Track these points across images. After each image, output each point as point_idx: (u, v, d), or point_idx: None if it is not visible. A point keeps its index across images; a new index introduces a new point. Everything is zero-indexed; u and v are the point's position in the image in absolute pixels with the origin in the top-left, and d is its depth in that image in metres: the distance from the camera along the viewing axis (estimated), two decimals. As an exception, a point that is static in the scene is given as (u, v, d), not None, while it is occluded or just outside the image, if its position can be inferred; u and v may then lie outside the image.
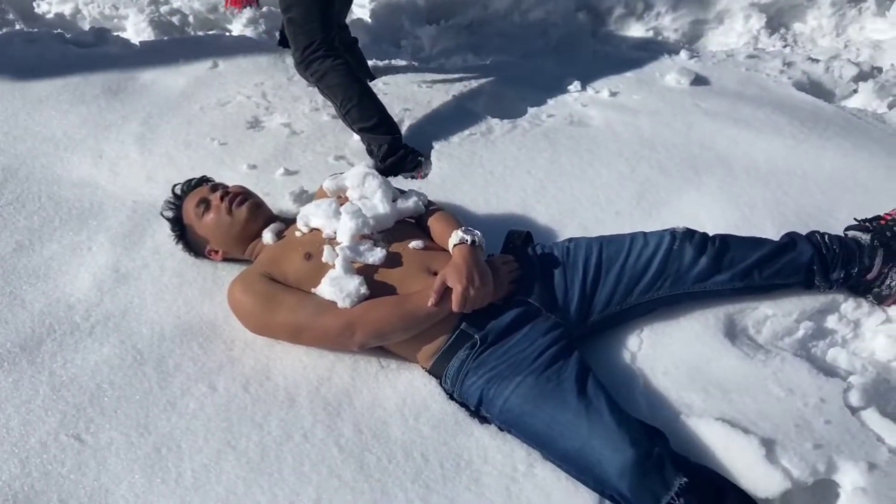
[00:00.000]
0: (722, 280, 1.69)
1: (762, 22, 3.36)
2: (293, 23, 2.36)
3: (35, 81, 2.76)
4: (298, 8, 2.33)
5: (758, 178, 2.16)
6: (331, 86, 2.34)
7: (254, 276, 1.64)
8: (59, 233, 2.03)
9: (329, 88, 2.35)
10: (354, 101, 2.30)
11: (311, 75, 2.37)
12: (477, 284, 1.52)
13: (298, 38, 2.36)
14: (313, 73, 2.36)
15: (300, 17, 2.34)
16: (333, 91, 2.34)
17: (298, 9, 2.34)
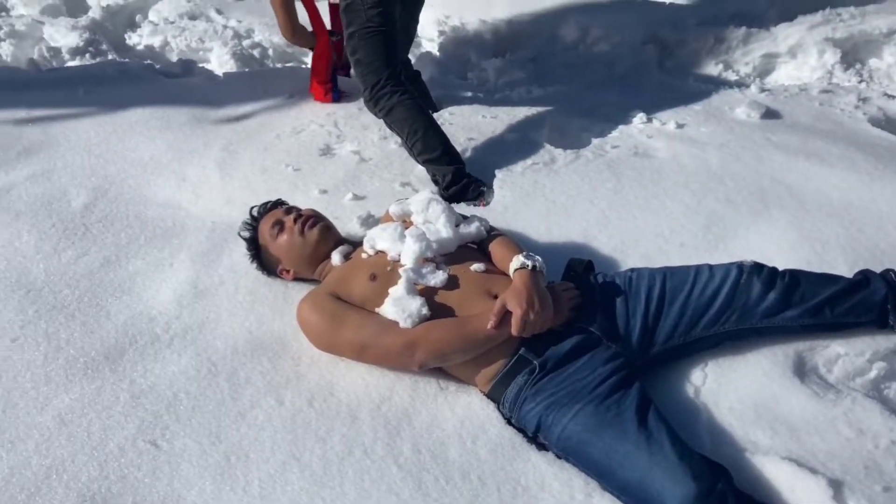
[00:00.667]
0: (791, 316, 1.65)
1: (837, 57, 3.30)
2: (360, 64, 2.48)
3: (126, 109, 2.95)
4: (363, 49, 2.46)
5: (831, 215, 2.11)
6: (397, 120, 2.43)
7: (321, 295, 1.71)
8: (143, 250, 2.15)
9: (396, 123, 2.44)
10: (419, 134, 2.38)
11: (380, 111, 2.47)
12: (537, 309, 1.54)
13: (367, 78, 2.46)
14: (381, 109, 2.46)
15: (366, 58, 2.46)
16: (400, 125, 2.43)
17: (363, 50, 2.46)
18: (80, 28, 3.89)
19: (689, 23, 3.56)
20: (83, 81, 3.17)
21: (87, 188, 2.43)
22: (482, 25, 3.74)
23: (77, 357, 1.76)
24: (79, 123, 2.83)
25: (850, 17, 3.40)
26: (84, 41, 3.78)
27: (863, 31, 3.35)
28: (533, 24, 3.74)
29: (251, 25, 3.90)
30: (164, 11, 4.20)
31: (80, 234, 2.21)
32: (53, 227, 2.23)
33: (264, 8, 4.19)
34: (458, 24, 3.79)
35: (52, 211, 2.31)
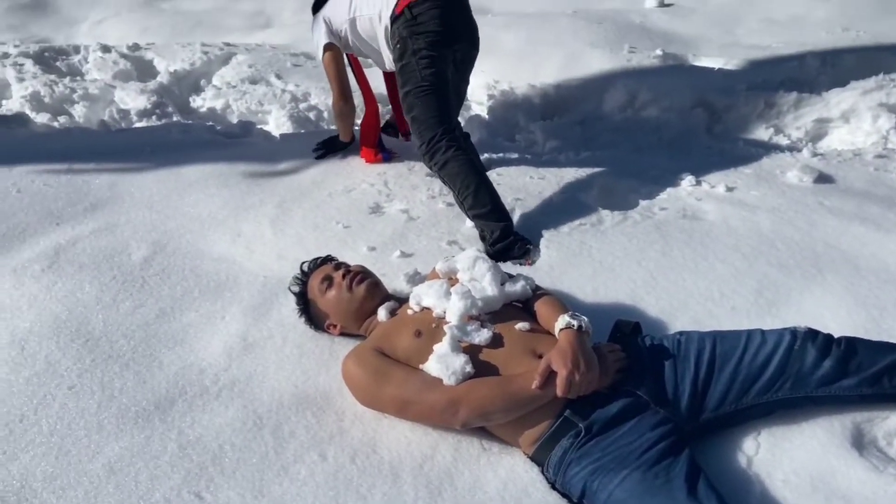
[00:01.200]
0: (849, 385, 1.59)
1: (892, 122, 3.24)
2: (416, 120, 2.58)
3: (187, 167, 3.09)
4: (419, 107, 2.56)
5: (888, 281, 2.04)
6: (451, 174, 2.50)
7: (366, 350, 1.73)
8: (197, 302, 2.22)
9: (449, 177, 2.51)
10: (471, 189, 2.44)
11: (434, 165, 2.55)
12: (582, 370, 1.52)
13: (423, 133, 2.55)
14: (436, 163, 2.54)
15: (421, 114, 2.56)
16: (453, 179, 2.49)
17: (419, 108, 2.56)
18: (148, 92, 4.13)
19: (738, 88, 3.58)
20: (149, 141, 3.35)
21: (148, 242, 2.53)
22: (530, 90, 3.83)
23: (129, 406, 1.81)
24: (143, 181, 2.97)
25: (904, 82, 3.37)
26: (151, 104, 4.01)
27: (919, 96, 3.31)
28: (580, 88, 3.81)
29: (308, 89, 4.08)
30: (228, 76, 4.43)
31: (139, 287, 2.30)
32: (114, 279, 2.33)
33: (321, 73, 4.38)
34: (507, 88, 3.88)
35: (113, 264, 2.41)
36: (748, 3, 4.86)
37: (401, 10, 2.61)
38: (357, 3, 2.80)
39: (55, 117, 3.88)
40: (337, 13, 2.84)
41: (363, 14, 2.77)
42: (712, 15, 4.75)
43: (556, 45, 4.25)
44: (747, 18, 4.59)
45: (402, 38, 2.60)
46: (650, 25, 4.61)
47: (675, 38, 4.37)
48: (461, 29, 2.69)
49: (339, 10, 2.83)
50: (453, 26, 2.64)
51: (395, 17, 2.63)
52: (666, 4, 5.00)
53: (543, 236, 2.41)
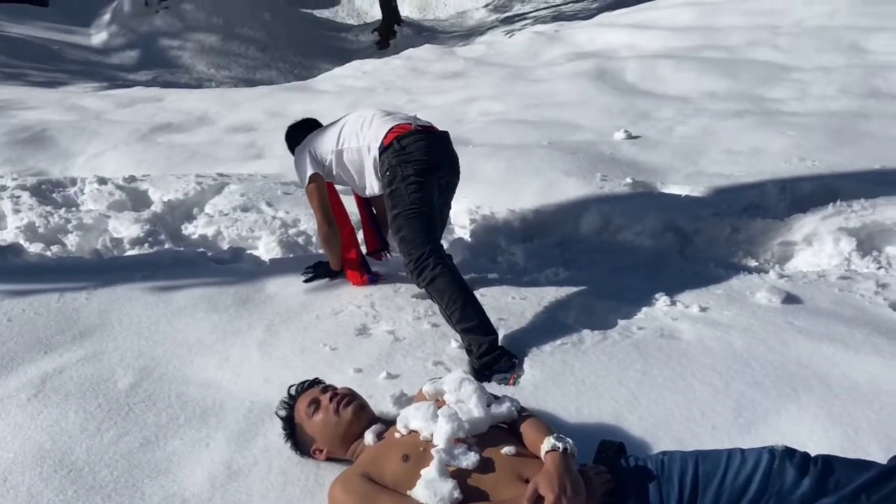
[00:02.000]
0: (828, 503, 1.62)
1: (853, 245, 3.41)
2: (405, 241, 2.71)
3: (177, 292, 3.15)
4: (407, 228, 2.72)
5: (860, 399, 2.11)
6: (438, 289, 2.60)
7: (353, 476, 1.74)
8: (182, 430, 2.22)
9: (437, 292, 2.61)
10: (459, 304, 2.53)
11: (422, 280, 2.65)
12: (569, 494, 1.54)
13: (412, 252, 2.68)
14: (424, 279, 2.64)
15: (410, 234, 2.70)
16: (441, 294, 2.59)
17: (407, 229, 2.71)
18: (142, 221, 4.26)
19: (705, 213, 3.77)
20: (140, 268, 3.43)
21: (135, 369, 2.55)
22: (510, 214, 4.01)
23: (110, 539, 1.78)
24: (132, 307, 3.02)
25: (861, 208, 3.57)
26: (145, 232, 4.12)
27: (875, 221, 3.50)
28: (558, 212, 4.00)
29: (297, 216, 4.23)
30: (220, 205, 4.59)
31: (124, 415, 2.30)
32: (99, 408, 2.33)
33: (309, 201, 4.59)
34: (488, 213, 4.06)
35: (99, 391, 2.42)
36: (710, 136, 5.20)
37: (389, 142, 2.84)
38: (345, 136, 3.03)
39: (48, 247, 3.96)
40: (323, 145, 3.07)
41: (351, 146, 3.00)
42: (677, 146, 5.06)
43: (534, 173, 4.50)
44: (710, 150, 4.90)
45: (391, 166, 2.80)
46: (620, 156, 4.90)
47: (643, 168, 4.64)
48: (444, 158, 2.93)
49: (327, 142, 3.07)
50: (437, 156, 2.87)
51: (383, 148, 2.86)
52: (633, 137, 5.34)
53: (527, 355, 2.47)
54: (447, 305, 2.57)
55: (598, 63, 7.71)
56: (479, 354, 2.44)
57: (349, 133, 3.03)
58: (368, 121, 3.01)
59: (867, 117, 5.18)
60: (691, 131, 5.37)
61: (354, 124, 3.04)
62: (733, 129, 5.27)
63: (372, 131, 2.95)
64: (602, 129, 5.69)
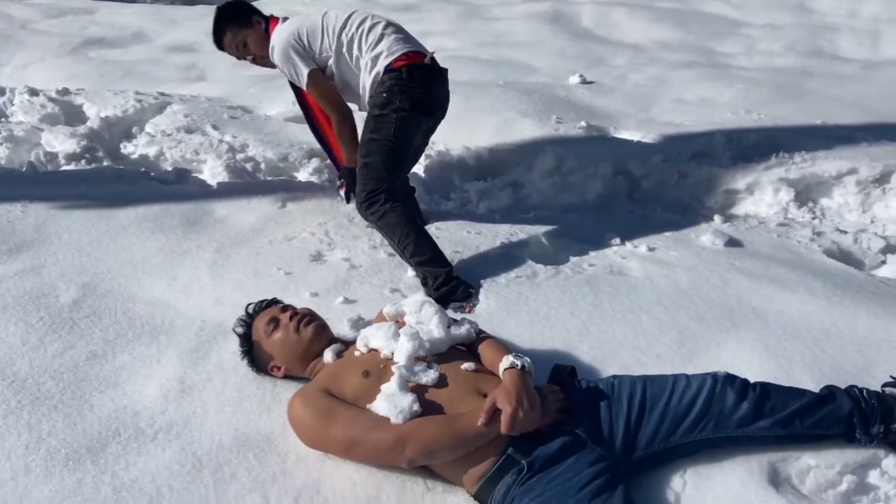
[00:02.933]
0: (764, 426, 1.73)
1: (791, 195, 3.58)
2: (368, 167, 2.64)
3: (119, 210, 3.03)
4: (376, 156, 2.63)
5: (794, 335, 2.24)
6: (389, 224, 2.58)
7: (313, 391, 1.75)
8: (131, 345, 2.17)
9: (388, 227, 2.59)
10: (411, 238, 2.53)
11: (372, 214, 2.63)
12: (526, 407, 1.60)
13: (367, 182, 2.63)
14: (374, 213, 2.62)
15: (375, 165, 2.63)
16: (391, 229, 2.58)
17: (376, 157, 2.63)
18: (77, 136, 4.04)
19: (654, 159, 3.85)
20: (78, 184, 3.28)
21: (77, 284, 2.47)
22: (465, 152, 4.00)
23: (58, 448, 1.75)
24: (72, 223, 2.90)
25: (801, 160, 3.73)
26: (81, 148, 3.92)
27: (814, 174, 3.67)
28: (513, 152, 4.01)
29: (246, 141, 4.10)
30: (162, 125, 4.39)
31: (68, 329, 2.23)
32: (41, 321, 2.25)
33: (259, 125, 4.45)
34: (443, 149, 4.04)
35: (40, 305, 2.34)
36: (662, 85, 5.28)
37: (398, 67, 2.67)
38: (346, 39, 2.76)
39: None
40: (318, 43, 2.78)
41: (353, 52, 2.76)
42: (629, 93, 5.13)
43: (490, 112, 4.47)
44: (661, 98, 4.98)
45: (390, 90, 2.66)
46: (574, 99, 4.93)
47: (597, 112, 4.69)
48: (442, 101, 2.84)
49: (322, 41, 2.78)
50: (436, 98, 2.78)
51: (390, 69, 2.68)
52: (588, 82, 5.37)
53: (482, 286, 2.50)
54: (399, 240, 2.56)
55: (553, 6, 7.65)
56: (437, 286, 2.45)
57: (351, 38, 2.75)
58: (377, 33, 2.75)
59: (810, 75, 5.35)
60: (644, 79, 5.43)
61: (356, 28, 2.76)
62: (684, 79, 5.36)
63: (382, 45, 2.72)
64: (557, 72, 5.68)
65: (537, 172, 3.82)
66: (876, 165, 3.69)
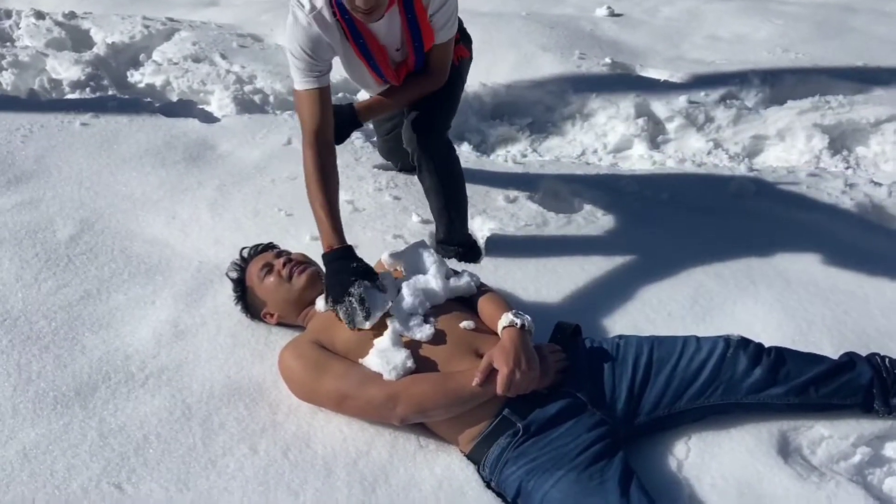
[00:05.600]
0: (777, 393, 1.64)
1: (825, 143, 3.38)
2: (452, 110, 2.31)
3: (122, 143, 2.96)
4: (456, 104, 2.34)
5: (817, 295, 2.12)
6: (456, 170, 2.29)
7: (304, 342, 1.68)
8: (126, 285, 2.12)
9: (453, 171, 2.28)
10: (466, 195, 2.31)
11: (444, 153, 2.25)
12: (523, 368, 1.52)
13: (449, 121, 2.30)
14: (445, 152, 2.26)
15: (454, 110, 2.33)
16: (455, 175, 2.28)
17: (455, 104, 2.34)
18: (83, 62, 3.93)
19: (681, 101, 3.66)
20: (82, 113, 3.19)
21: (75, 220, 2.41)
22: (482, 89, 3.82)
23: (47, 391, 1.71)
24: (72, 155, 2.83)
25: (838, 105, 3.51)
26: (86, 75, 3.81)
27: (851, 120, 3.46)
28: (532, 90, 3.83)
29: (254, 72, 3.95)
30: (169, 52, 4.25)
31: (63, 266, 2.18)
32: (36, 257, 2.20)
33: (268, 55, 4.29)
34: (458, 85, 3.86)
35: (36, 240, 2.28)
36: (695, 19, 4.99)
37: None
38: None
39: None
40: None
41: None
42: (660, 28, 4.85)
43: (510, 45, 4.26)
44: (693, 34, 4.71)
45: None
46: (600, 34, 4.68)
47: (623, 48, 4.45)
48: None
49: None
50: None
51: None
52: (616, 14, 5.09)
53: (490, 236, 2.40)
54: (460, 187, 2.26)
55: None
56: (462, 250, 2.29)
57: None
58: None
59: (854, 11, 5.03)
60: (676, 13, 5.14)
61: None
62: (719, 12, 5.07)
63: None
64: (583, 2, 5.39)
65: (556, 113, 3.65)
66: (918, 112, 3.47)
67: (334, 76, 2.15)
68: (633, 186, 2.77)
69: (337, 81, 3.36)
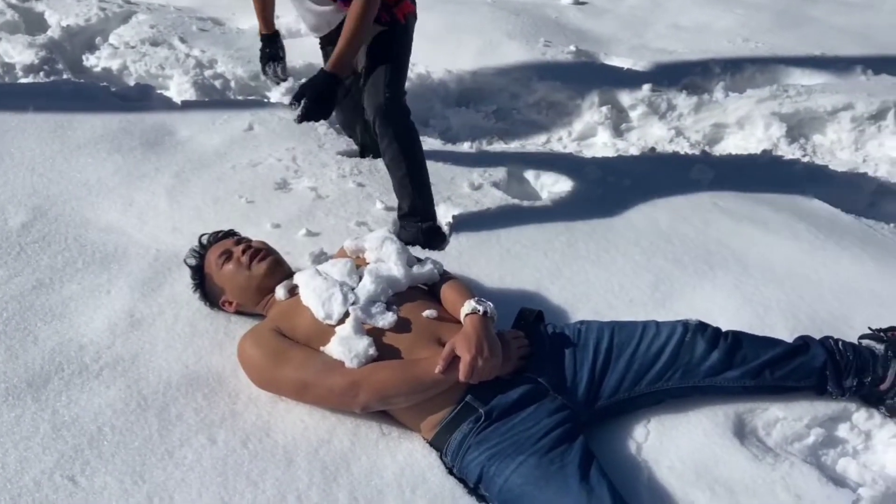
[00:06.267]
0: (733, 377, 1.67)
1: (782, 131, 3.45)
2: (403, 67, 2.31)
3: (76, 128, 2.87)
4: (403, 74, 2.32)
5: (773, 280, 2.16)
6: (411, 140, 2.28)
7: (264, 330, 1.66)
8: (80, 274, 2.06)
9: (408, 144, 2.27)
10: (425, 168, 2.30)
11: (402, 119, 2.26)
12: (486, 355, 1.52)
13: (401, 84, 2.29)
14: (403, 119, 2.26)
15: (403, 80, 2.31)
16: (412, 148, 2.27)
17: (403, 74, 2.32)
18: (36, 46, 3.80)
19: (644, 89, 3.69)
20: (34, 98, 3.08)
21: (27, 207, 2.33)
22: (447, 75, 3.80)
23: (-3, 383, 1.66)
24: (25, 140, 2.74)
25: (796, 93, 3.58)
26: (40, 59, 3.69)
27: (808, 108, 3.53)
28: (497, 78, 3.82)
29: (214, 56, 3.86)
30: (126, 36, 4.13)
31: (14, 254, 2.11)
32: (-14, 246, 2.13)
33: (229, 39, 4.20)
34: (423, 72, 3.84)
35: (-14, 228, 2.21)
36: (658, 8, 5.04)
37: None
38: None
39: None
40: None
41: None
42: (624, 17, 4.89)
43: (475, 32, 4.25)
44: (656, 23, 4.76)
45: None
46: (565, 21, 4.69)
47: (587, 36, 4.47)
48: None
49: None
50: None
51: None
52: (581, 2, 5.10)
53: (453, 222, 2.39)
54: (416, 162, 2.25)
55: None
56: (426, 229, 2.28)
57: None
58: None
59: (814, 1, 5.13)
60: (640, 2, 5.17)
61: None
62: (682, 2, 5.12)
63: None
64: (549, -10, 5.39)
65: (521, 101, 3.65)
66: (873, 101, 3.56)
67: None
68: (597, 173, 2.79)
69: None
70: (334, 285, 1.67)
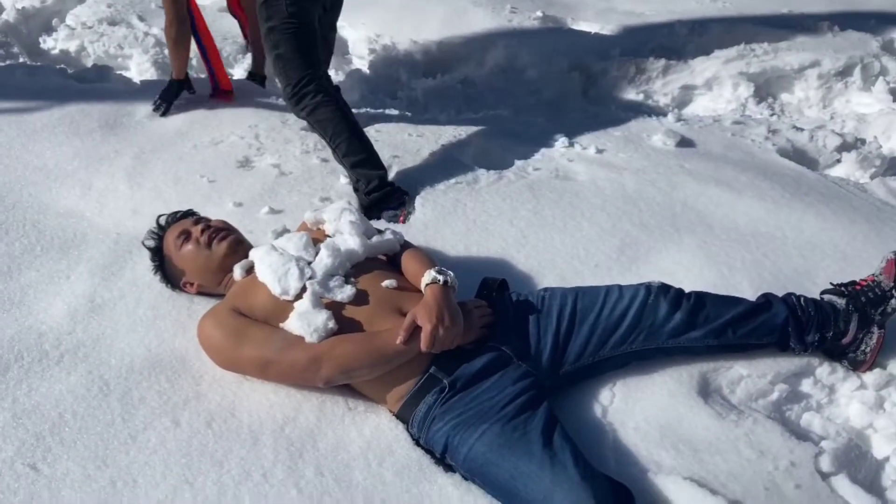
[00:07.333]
0: (696, 336, 1.68)
1: (750, 90, 3.44)
2: (282, 59, 2.41)
3: (32, 113, 2.80)
4: (285, 44, 2.39)
5: (738, 240, 2.17)
6: (321, 120, 2.39)
7: (222, 311, 1.64)
8: (39, 261, 2.03)
9: (319, 122, 2.40)
10: (345, 136, 2.35)
11: (302, 109, 2.41)
12: (447, 324, 1.51)
13: (289, 74, 2.40)
14: (304, 108, 2.40)
15: (288, 53, 2.39)
16: (323, 125, 2.39)
17: (286, 45, 2.39)
18: (-10, 30, 3.69)
19: (612, 53, 3.66)
20: (-12, 84, 3.01)
21: (-17, 194, 2.28)
22: (413, 46, 3.75)
23: (-45, 373, 1.64)
24: (-21, 127, 2.67)
25: (763, 52, 3.57)
26: (-6, 43, 3.59)
27: (775, 67, 3.52)
28: (463, 46, 3.77)
29: (175, 34, 3.77)
30: (83, 16, 4.02)
31: (-30, 243, 2.07)
32: (-60, 235, 2.09)
33: (189, 17, 4.10)
34: (388, 43, 3.78)
35: (-60, 218, 2.16)
36: (626, -29, 4.97)
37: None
38: None
39: None
40: None
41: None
42: (591, -21, 4.82)
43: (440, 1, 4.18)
44: (624, -15, 4.70)
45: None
46: (532, -13, 4.62)
47: (554, 2, 4.42)
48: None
49: None
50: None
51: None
52: (549, -33, 5.03)
53: (419, 193, 2.37)
54: (332, 137, 2.38)
55: None
56: (368, 191, 2.31)
57: None
58: None
59: (781, -41, 5.07)
60: (607, -36, 5.09)
61: None
62: (649, -36, 5.04)
63: None
64: (515, -45, 5.30)
65: (488, 68, 3.61)
66: (840, 57, 3.56)
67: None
68: (564, 141, 2.77)
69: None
70: (290, 260, 1.64)
